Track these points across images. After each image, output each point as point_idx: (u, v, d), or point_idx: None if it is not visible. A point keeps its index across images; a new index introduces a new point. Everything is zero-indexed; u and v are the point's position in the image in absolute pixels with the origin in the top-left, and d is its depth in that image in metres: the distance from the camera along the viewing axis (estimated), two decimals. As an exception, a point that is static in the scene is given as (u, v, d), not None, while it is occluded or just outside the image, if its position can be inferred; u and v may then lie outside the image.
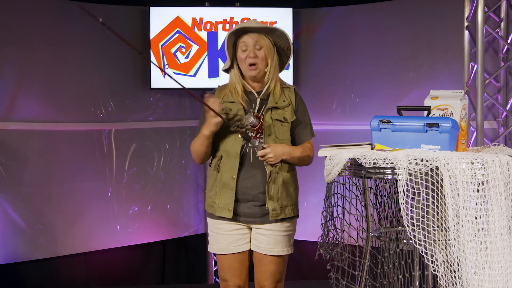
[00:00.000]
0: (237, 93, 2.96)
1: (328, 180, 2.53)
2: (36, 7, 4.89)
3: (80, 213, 5.13)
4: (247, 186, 2.93)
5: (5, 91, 4.76)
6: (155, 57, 5.35)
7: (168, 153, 5.60)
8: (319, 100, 5.48)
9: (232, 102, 2.96)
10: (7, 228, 4.77)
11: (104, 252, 5.28)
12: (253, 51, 2.92)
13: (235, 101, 2.96)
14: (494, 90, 4.88)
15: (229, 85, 3.02)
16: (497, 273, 2.20)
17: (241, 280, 3.01)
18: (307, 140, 3.05)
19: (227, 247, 2.98)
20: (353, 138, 3.07)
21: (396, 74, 5.26)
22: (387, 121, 2.55)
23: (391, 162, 2.27)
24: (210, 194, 3.01)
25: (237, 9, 5.44)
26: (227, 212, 2.93)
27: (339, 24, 5.52)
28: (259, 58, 2.93)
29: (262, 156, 2.85)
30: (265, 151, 2.84)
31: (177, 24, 5.35)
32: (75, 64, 5.09)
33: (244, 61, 2.94)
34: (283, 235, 2.99)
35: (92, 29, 5.14)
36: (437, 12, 5.07)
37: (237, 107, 2.94)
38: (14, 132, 4.79)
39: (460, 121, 2.53)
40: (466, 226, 2.17)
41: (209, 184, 3.03)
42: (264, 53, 2.93)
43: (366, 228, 2.63)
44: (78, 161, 5.11)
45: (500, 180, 2.24)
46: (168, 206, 5.62)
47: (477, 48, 4.56)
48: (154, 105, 5.53)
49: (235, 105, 2.95)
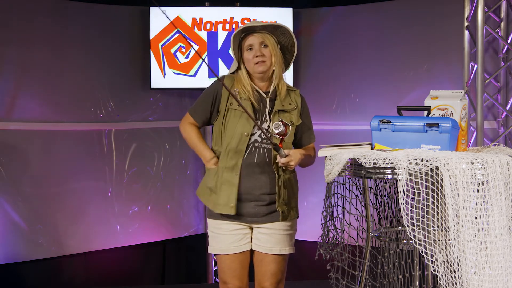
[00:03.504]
0: (246, 90, 2.96)
1: (328, 180, 2.53)
2: (36, 7, 4.89)
3: (80, 213, 5.13)
4: (250, 185, 2.93)
5: (5, 91, 4.76)
6: (155, 57, 5.35)
7: (168, 153, 5.60)
8: (319, 100, 5.48)
9: (243, 99, 2.95)
10: (7, 228, 4.77)
11: (104, 252, 5.28)
12: (260, 49, 2.93)
13: (245, 98, 2.96)
14: (494, 90, 4.88)
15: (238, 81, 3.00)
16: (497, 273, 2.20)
17: (242, 282, 3.00)
18: (311, 143, 3.08)
19: (228, 247, 2.97)
20: (353, 138, 3.07)
21: (396, 74, 5.26)
22: (387, 121, 2.55)
23: (391, 162, 2.27)
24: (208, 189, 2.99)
25: (237, 9, 5.45)
26: (229, 208, 2.92)
27: (339, 24, 5.52)
28: (266, 56, 2.94)
29: (284, 163, 2.85)
30: (288, 159, 2.84)
31: (177, 24, 5.35)
32: (75, 64, 5.09)
33: (251, 60, 2.94)
34: (284, 234, 2.99)
35: (92, 29, 5.14)
36: (437, 12, 5.07)
37: (246, 104, 2.94)
38: (14, 132, 4.79)
39: (460, 121, 2.53)
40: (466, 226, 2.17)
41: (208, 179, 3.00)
42: (270, 50, 2.94)
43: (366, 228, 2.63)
44: (78, 161, 5.11)
45: (500, 180, 2.24)
46: (168, 206, 5.62)
47: (477, 48, 4.56)
48: (154, 105, 5.53)
49: (244, 102, 2.94)
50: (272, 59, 2.95)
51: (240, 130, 2.91)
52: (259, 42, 2.94)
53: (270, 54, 2.95)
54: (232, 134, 2.93)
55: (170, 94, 5.59)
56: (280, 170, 2.93)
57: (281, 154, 2.83)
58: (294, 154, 2.88)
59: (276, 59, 2.96)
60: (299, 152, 2.93)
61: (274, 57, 2.96)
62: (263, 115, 2.96)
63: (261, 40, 2.94)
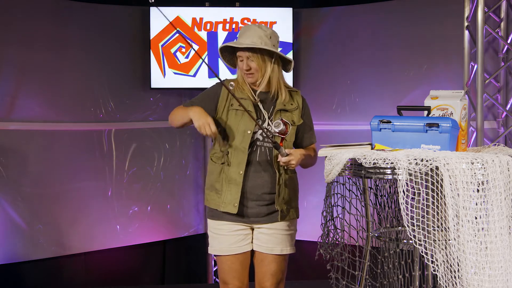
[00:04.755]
0: (246, 90, 2.96)
1: (328, 180, 2.53)
2: (36, 7, 4.89)
3: (80, 213, 5.13)
4: (253, 184, 2.93)
5: (5, 91, 4.76)
6: (155, 57, 5.35)
7: (168, 153, 5.60)
8: (319, 100, 5.48)
9: (242, 98, 2.95)
10: (7, 228, 4.77)
11: (104, 252, 5.28)
12: (247, 63, 2.93)
13: (245, 98, 2.96)
14: (494, 90, 4.88)
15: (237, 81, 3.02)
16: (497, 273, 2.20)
17: (242, 282, 3.00)
18: (313, 144, 3.09)
19: (229, 248, 2.97)
20: (353, 138, 3.07)
21: (396, 74, 5.26)
22: (387, 121, 2.55)
23: (391, 162, 2.27)
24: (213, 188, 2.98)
25: (237, 9, 5.44)
26: (232, 207, 2.92)
27: (339, 24, 5.52)
28: (253, 68, 2.93)
29: (285, 162, 2.85)
30: (289, 158, 2.84)
31: (177, 24, 5.35)
32: (75, 64, 5.09)
33: (242, 70, 2.96)
34: (285, 234, 2.99)
35: (92, 29, 5.14)
36: (437, 12, 5.07)
37: (247, 103, 2.94)
38: (14, 132, 4.79)
39: (460, 121, 2.53)
40: (466, 226, 2.17)
41: (212, 178, 3.00)
42: (256, 63, 2.93)
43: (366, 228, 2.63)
44: (78, 161, 5.11)
45: (500, 180, 2.24)
46: (168, 206, 5.62)
47: (477, 48, 4.56)
48: (154, 105, 5.53)
49: (245, 101, 2.94)
50: (260, 71, 2.94)
51: (243, 128, 2.91)
52: (246, 56, 2.94)
53: (257, 68, 2.94)
54: (235, 132, 2.93)
55: (170, 94, 5.59)
56: (281, 169, 2.94)
57: (282, 153, 2.84)
58: (295, 153, 2.88)
59: (265, 70, 2.94)
60: (300, 152, 2.92)
61: (263, 69, 2.94)
62: (265, 115, 2.97)
63: (247, 56, 2.93)
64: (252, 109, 2.93)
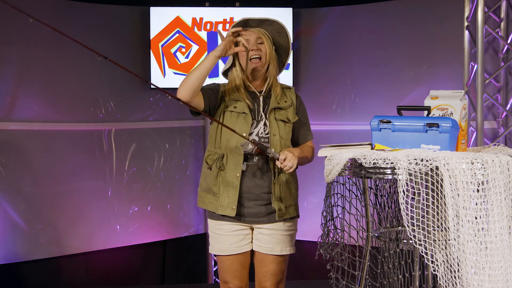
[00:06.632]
0: (240, 91, 2.95)
1: (328, 180, 2.53)
2: (36, 7, 4.89)
3: (80, 213, 5.13)
4: (251, 185, 2.93)
5: (5, 91, 4.76)
6: (155, 57, 5.35)
7: (168, 153, 5.60)
8: (319, 100, 5.48)
9: (237, 100, 2.95)
10: (7, 228, 4.77)
11: (104, 252, 5.28)
12: (256, 45, 2.92)
13: (239, 99, 2.95)
14: (494, 90, 4.88)
15: (230, 84, 3.01)
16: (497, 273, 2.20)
17: (242, 282, 3.00)
18: (309, 141, 3.07)
19: (229, 248, 2.97)
20: (353, 138, 3.07)
21: (396, 74, 5.26)
22: (387, 121, 2.54)
23: (391, 162, 2.27)
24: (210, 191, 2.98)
25: (237, 9, 5.45)
26: (230, 210, 2.92)
27: (339, 24, 5.52)
28: (262, 51, 2.93)
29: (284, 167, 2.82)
30: (286, 163, 2.81)
31: (177, 24, 5.36)
32: (75, 64, 5.09)
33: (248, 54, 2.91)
34: (285, 234, 2.99)
35: (92, 29, 5.14)
36: (437, 12, 5.07)
37: (242, 105, 2.94)
38: (14, 132, 4.79)
39: (460, 121, 2.53)
40: (466, 226, 2.17)
41: (208, 181, 2.99)
42: (265, 47, 2.93)
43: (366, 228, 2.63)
44: (78, 161, 5.11)
45: (500, 180, 2.24)
46: (168, 206, 5.62)
47: (477, 48, 4.56)
48: (154, 105, 5.53)
49: (240, 103, 2.94)
50: (267, 56, 2.94)
51: (239, 129, 2.90)
52: (255, 37, 2.93)
53: (265, 51, 2.94)
54: (229, 135, 2.92)
55: (170, 94, 5.58)
56: (276, 168, 2.92)
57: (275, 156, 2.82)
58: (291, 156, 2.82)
59: (270, 57, 2.95)
60: (295, 152, 2.88)
61: (268, 55, 2.95)
62: (259, 114, 2.96)
63: (257, 36, 2.93)
64: (247, 110, 2.93)
